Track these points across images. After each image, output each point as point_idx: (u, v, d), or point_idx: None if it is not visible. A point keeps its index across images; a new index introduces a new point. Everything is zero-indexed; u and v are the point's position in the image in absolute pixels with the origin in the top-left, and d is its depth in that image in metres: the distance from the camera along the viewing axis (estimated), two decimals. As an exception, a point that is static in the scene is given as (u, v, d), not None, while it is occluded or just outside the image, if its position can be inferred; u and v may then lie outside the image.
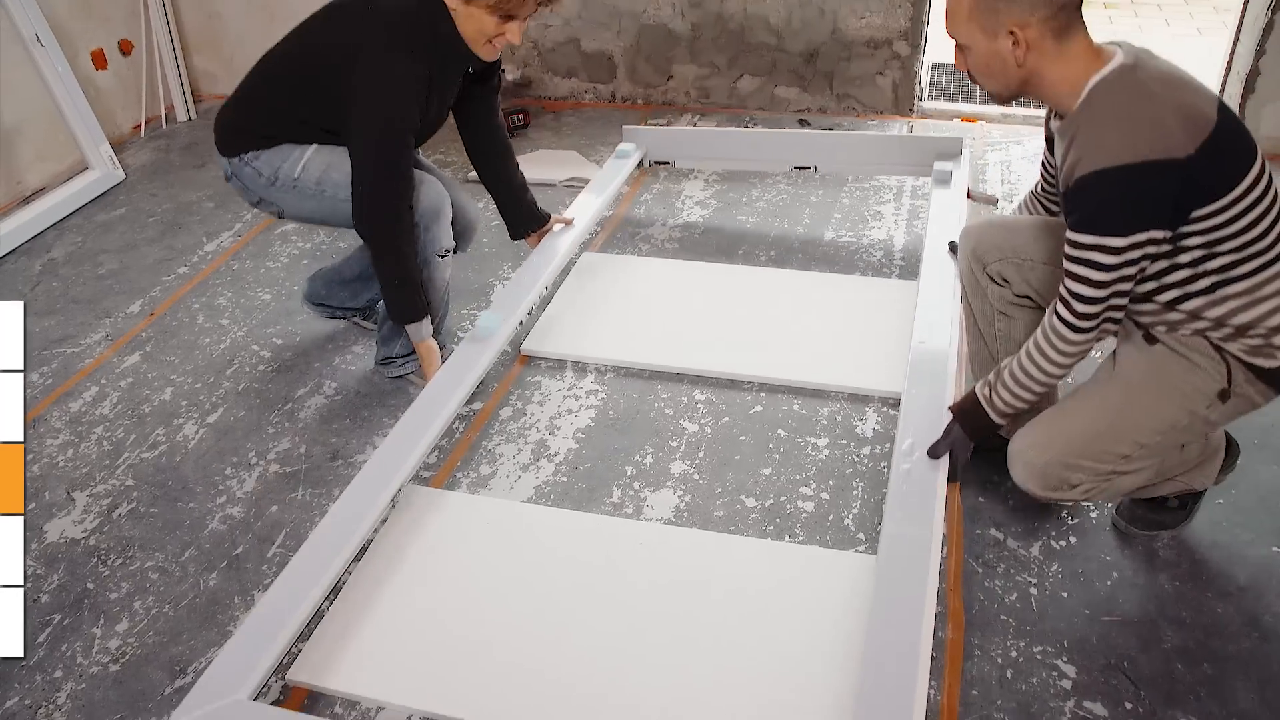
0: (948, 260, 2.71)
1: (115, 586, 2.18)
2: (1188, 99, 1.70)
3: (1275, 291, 1.76)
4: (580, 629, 1.97)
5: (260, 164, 2.50)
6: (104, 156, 4.06)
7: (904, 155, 3.44)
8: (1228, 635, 1.94)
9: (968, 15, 1.78)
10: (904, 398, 2.29)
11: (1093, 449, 1.89)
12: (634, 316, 2.96)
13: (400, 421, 2.31)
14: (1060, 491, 1.94)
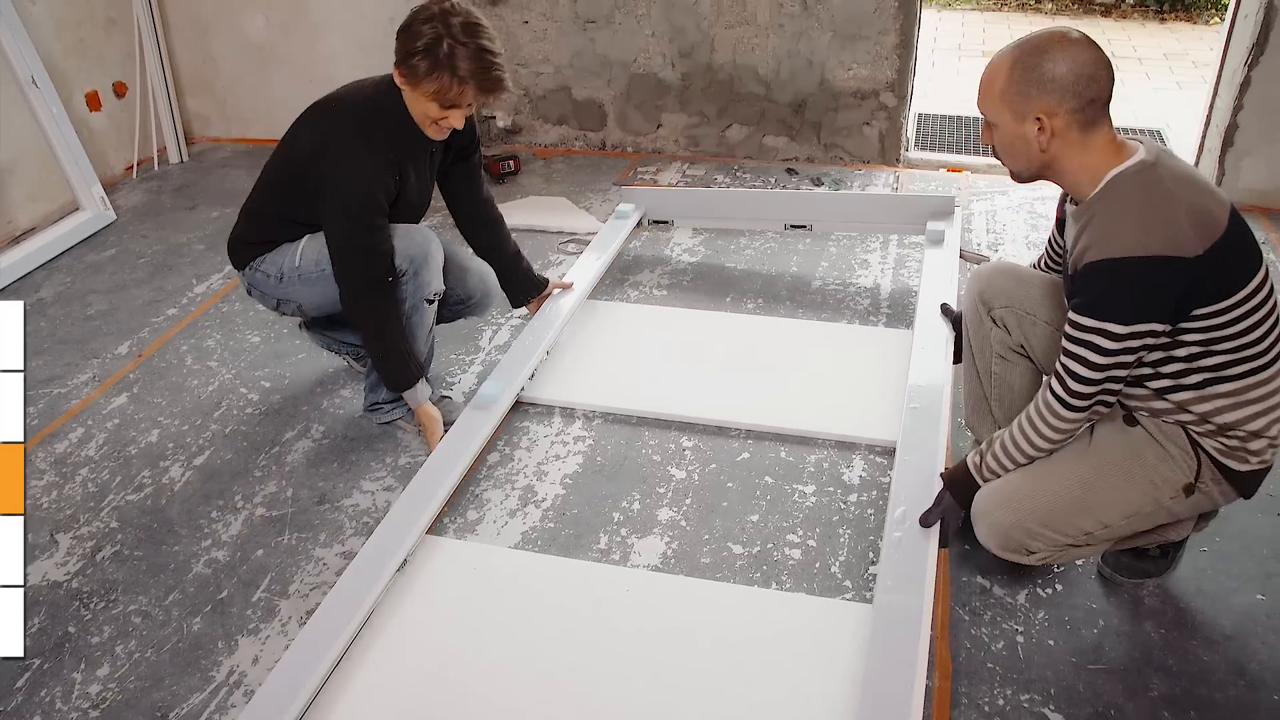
0: (940, 319, 2.75)
1: (97, 630, 2.16)
2: (1202, 201, 1.74)
3: (1260, 397, 1.81)
4: (567, 676, 1.96)
5: (266, 266, 2.59)
6: (95, 197, 4.07)
7: (899, 214, 3.51)
8: (1214, 683, 1.94)
9: (1000, 95, 1.83)
10: (896, 463, 2.30)
11: (1056, 520, 1.93)
12: (622, 362, 2.97)
13: (404, 493, 2.31)
14: (1017, 554, 1.98)
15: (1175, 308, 1.73)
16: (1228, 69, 3.90)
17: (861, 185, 4.25)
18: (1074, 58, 1.75)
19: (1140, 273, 1.70)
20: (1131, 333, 1.73)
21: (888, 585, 1.97)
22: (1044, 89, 1.77)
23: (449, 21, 2.25)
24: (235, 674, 2.03)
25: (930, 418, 2.41)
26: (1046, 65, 1.76)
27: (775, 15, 4.28)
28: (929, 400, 2.47)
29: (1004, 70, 1.81)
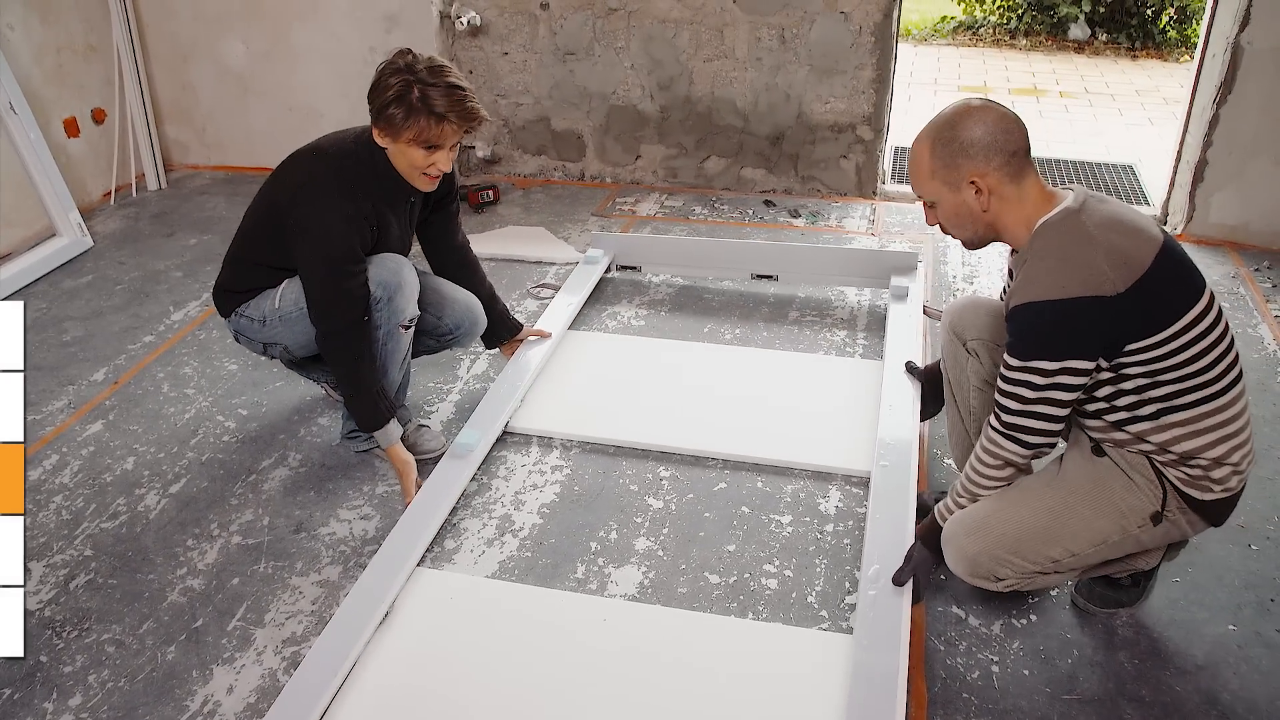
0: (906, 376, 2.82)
1: (70, 659, 2.14)
2: (1124, 243, 1.81)
3: (1217, 424, 1.86)
4: (544, 706, 1.96)
5: (250, 311, 2.63)
6: (73, 223, 4.06)
7: (863, 268, 3.58)
8: (1186, 713, 1.96)
9: (930, 175, 1.93)
10: (869, 520, 2.33)
11: (1025, 548, 1.96)
12: (600, 393, 2.98)
13: (386, 543, 2.32)
14: (986, 581, 2.01)
15: (1103, 344, 1.81)
16: (1197, 106, 3.98)
17: (838, 218, 4.30)
18: (983, 120, 1.86)
19: (1061, 314, 1.78)
20: (1061, 369, 1.81)
21: (864, 644, 1.99)
22: (968, 154, 1.86)
23: (414, 69, 2.30)
24: (210, 703, 2.02)
25: (900, 476, 2.44)
26: (963, 134, 1.86)
27: (753, 49, 4.33)
28: (899, 458, 2.50)
29: (926, 152, 1.92)
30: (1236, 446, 1.88)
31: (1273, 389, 2.96)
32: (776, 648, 2.09)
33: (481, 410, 2.80)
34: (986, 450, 1.98)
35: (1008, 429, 1.91)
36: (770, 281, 3.66)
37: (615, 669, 2.04)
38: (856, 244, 4.02)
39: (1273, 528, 2.43)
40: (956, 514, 2.04)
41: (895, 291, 3.33)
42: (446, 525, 2.48)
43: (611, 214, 4.40)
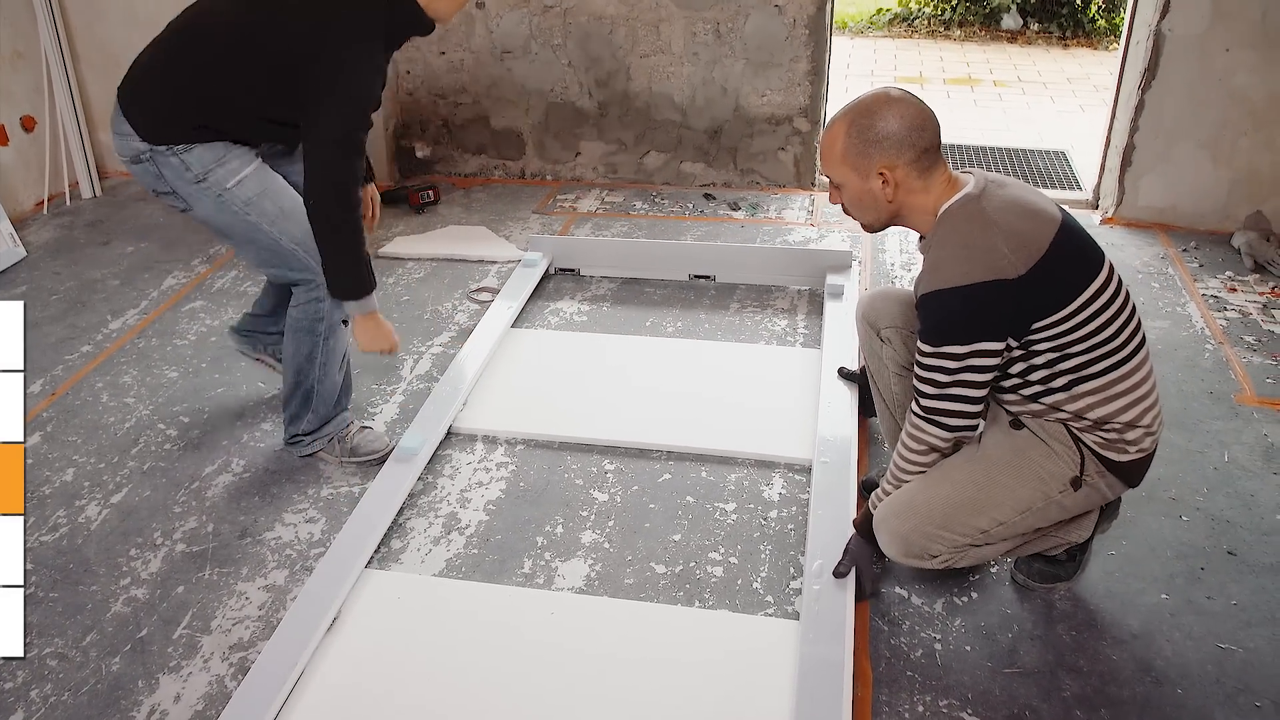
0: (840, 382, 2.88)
1: (10, 676, 2.11)
2: (1023, 226, 1.87)
3: (1126, 390, 1.93)
4: (495, 701, 1.97)
5: (191, 159, 2.34)
6: (4, 234, 3.98)
7: (799, 267, 3.63)
8: (1123, 681, 2.02)
9: (841, 158, 1.96)
10: (811, 516, 2.37)
11: (952, 522, 2.00)
12: (544, 390, 2.99)
13: (333, 545, 2.32)
14: (920, 560, 2.05)
15: (1010, 325, 1.87)
16: (1124, 92, 4.06)
17: (778, 209, 4.34)
18: (901, 114, 1.90)
19: (966, 299, 1.84)
20: (971, 351, 1.86)
21: (810, 639, 2.02)
22: (881, 146, 1.91)
23: None
24: (157, 713, 2.00)
25: (840, 470, 2.50)
26: (879, 125, 1.90)
27: (689, 44, 4.36)
28: (838, 454, 2.55)
29: (841, 136, 1.95)
30: (1147, 409, 1.96)
31: (1200, 365, 3.05)
32: (724, 635, 2.12)
33: (425, 412, 2.80)
34: (910, 435, 2.03)
35: (928, 413, 1.96)
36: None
37: (565, 662, 2.05)
38: (795, 235, 4.06)
39: (1202, 499, 2.50)
40: (885, 500, 2.09)
41: (831, 290, 3.37)
42: (392, 526, 2.47)
43: (553, 211, 4.40)
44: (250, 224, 2.42)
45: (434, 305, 3.56)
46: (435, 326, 3.42)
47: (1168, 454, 2.66)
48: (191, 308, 3.59)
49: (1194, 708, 1.96)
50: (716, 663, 2.04)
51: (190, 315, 3.54)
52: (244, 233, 2.45)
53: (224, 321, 3.47)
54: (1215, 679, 2.02)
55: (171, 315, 3.55)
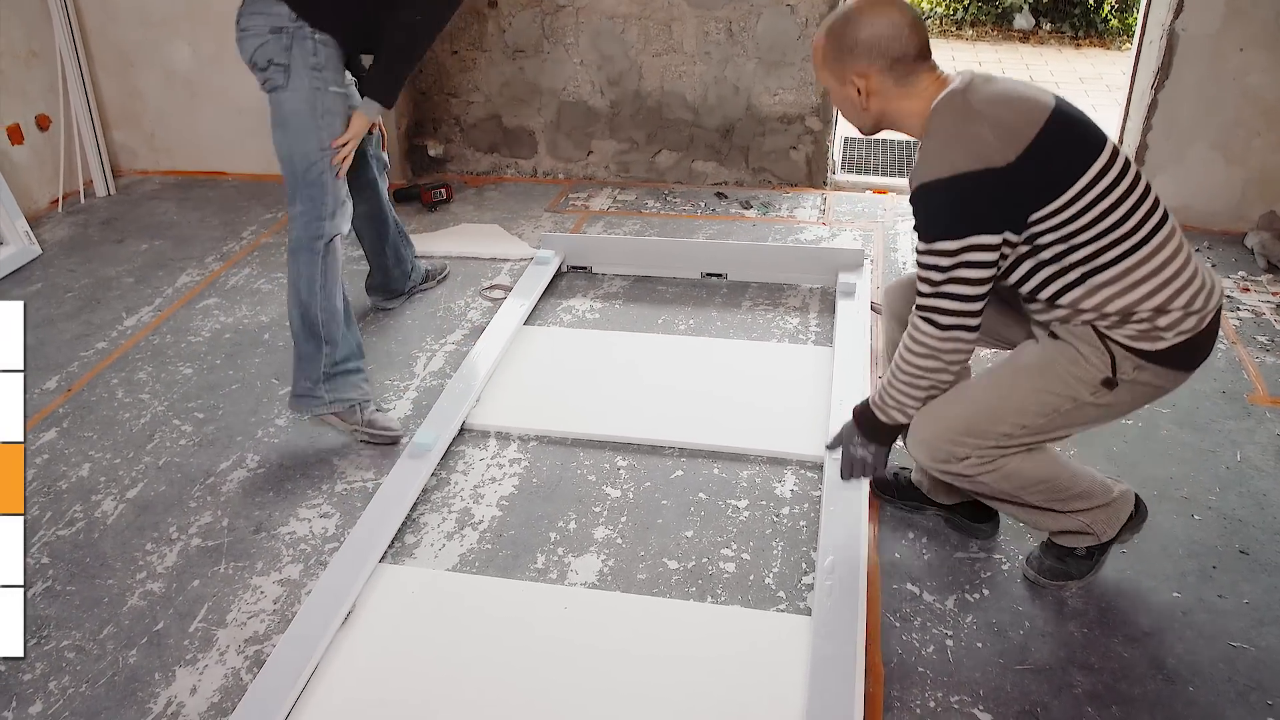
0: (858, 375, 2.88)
1: (29, 668, 2.13)
2: (1009, 115, 1.84)
3: (1146, 275, 1.87)
4: (509, 695, 1.98)
5: (321, 47, 2.59)
6: (19, 232, 4.01)
7: (811, 266, 3.63)
8: (1134, 678, 2.02)
9: (823, 64, 2.00)
10: (823, 514, 2.37)
11: (976, 425, 1.99)
12: (557, 386, 3.01)
13: (347, 540, 2.34)
14: (949, 464, 2.04)
15: (1004, 217, 1.84)
16: (1136, 92, 4.06)
17: (790, 208, 4.34)
18: (875, 22, 1.90)
19: (954, 190, 1.82)
20: (964, 246, 1.83)
21: (822, 633, 2.03)
22: (854, 54, 1.92)
23: None
24: (173, 705, 2.02)
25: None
26: (851, 32, 1.91)
27: (701, 43, 4.37)
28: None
29: (822, 42, 1.97)
30: (1179, 290, 1.88)
31: (1213, 365, 3.04)
32: (736, 630, 2.12)
33: (438, 409, 2.81)
34: (909, 335, 1.98)
35: (922, 311, 1.93)
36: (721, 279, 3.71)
37: (577, 657, 2.06)
38: (807, 234, 4.06)
39: (1214, 498, 2.50)
40: (917, 414, 2.07)
41: (843, 289, 3.37)
42: (407, 521, 2.49)
43: (565, 209, 4.41)
44: (312, 130, 2.63)
45: (446, 303, 3.57)
46: (448, 324, 3.43)
47: (1179, 453, 2.66)
48: (205, 305, 3.61)
49: (1205, 705, 1.96)
50: (729, 658, 2.05)
51: (204, 312, 3.56)
52: (299, 135, 2.63)
53: (237, 319, 3.49)
54: (1227, 677, 2.02)
55: (185, 312, 3.57)
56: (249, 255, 3.98)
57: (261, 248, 4.04)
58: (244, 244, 4.08)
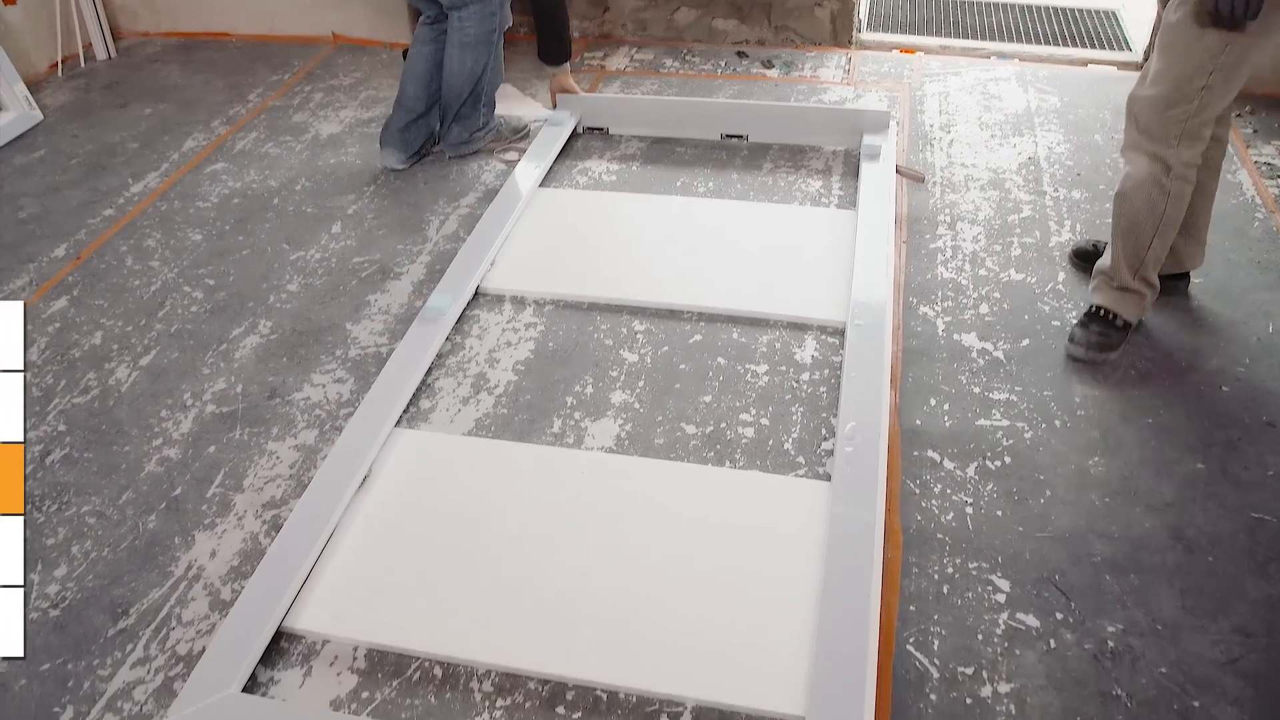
0: (881, 240, 2.82)
1: (52, 533, 2.14)
2: None
3: None
4: (524, 558, 1.98)
5: None
6: (19, 96, 3.91)
7: (835, 127, 3.50)
8: (1154, 548, 2.00)
9: None
10: (844, 379, 2.33)
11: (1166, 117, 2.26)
12: (573, 250, 2.95)
13: (362, 404, 2.32)
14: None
15: None
16: None
17: (813, 68, 4.19)
18: None
19: None
20: None
21: (841, 499, 2.02)
22: None
23: None
24: (194, 568, 2.03)
25: (874, 333, 2.45)
26: None
27: (721, -109, 4.15)
28: (873, 316, 2.51)
29: None
30: None
31: (1249, 234, 2.95)
32: (754, 495, 2.11)
33: (452, 273, 2.76)
34: None
35: None
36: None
37: (594, 520, 2.06)
38: (831, 95, 3.93)
39: (1243, 370, 2.45)
40: None
41: (867, 151, 3.26)
42: (421, 386, 2.46)
43: (581, 69, 4.27)
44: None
45: (459, 165, 3.49)
46: (461, 186, 3.35)
47: (1211, 322, 2.60)
48: (213, 170, 3.53)
49: (1224, 576, 1.95)
50: (746, 523, 2.04)
51: (212, 177, 3.49)
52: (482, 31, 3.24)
53: (246, 184, 3.42)
54: (1247, 549, 2.00)
55: (193, 177, 3.49)
56: (255, 119, 3.87)
57: (269, 110, 3.93)
58: (250, 107, 3.98)
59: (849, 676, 1.69)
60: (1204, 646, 1.83)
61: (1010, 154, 3.40)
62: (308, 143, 3.67)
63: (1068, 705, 1.74)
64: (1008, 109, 3.71)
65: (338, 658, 1.85)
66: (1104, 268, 2.51)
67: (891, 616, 1.88)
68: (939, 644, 1.84)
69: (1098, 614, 1.88)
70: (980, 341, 2.55)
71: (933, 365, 2.48)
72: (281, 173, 3.48)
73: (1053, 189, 3.18)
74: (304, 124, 3.82)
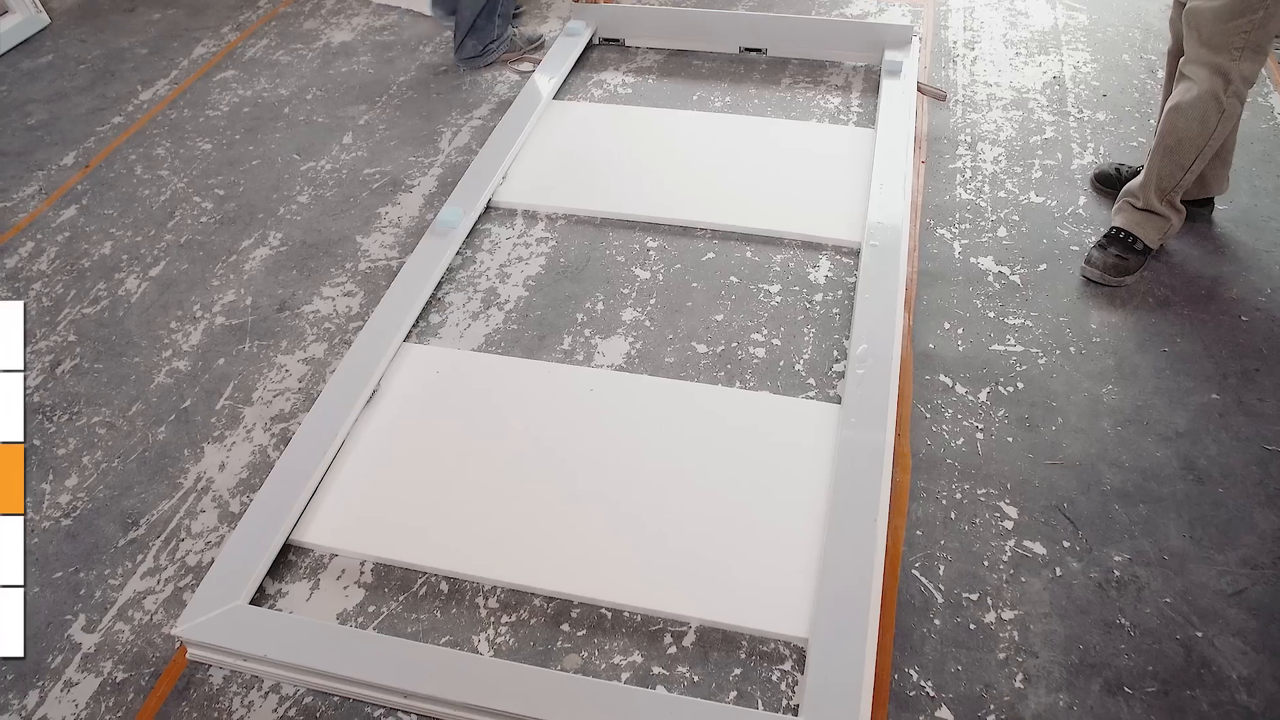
0: (900, 160, 2.77)
1: (63, 442, 2.15)
2: None
3: None
4: (533, 473, 1.98)
5: None
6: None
7: (856, 42, 3.42)
8: (1164, 478, 1.99)
9: None
10: (858, 300, 2.31)
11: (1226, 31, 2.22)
12: (585, 164, 2.90)
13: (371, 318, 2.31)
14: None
15: None
16: None
17: (835, -21, 4.07)
18: None
19: None
20: None
21: (851, 421, 2.01)
22: None
23: None
24: (203, 480, 2.05)
25: (889, 254, 2.42)
26: None
27: None
28: (888, 237, 2.47)
29: None
30: None
31: (1277, 160, 2.88)
32: (764, 415, 2.10)
33: (463, 186, 2.72)
34: None
35: None
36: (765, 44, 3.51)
37: (603, 438, 2.05)
38: (853, 8, 3.82)
39: (1264, 300, 2.40)
40: None
41: (888, 67, 3.18)
42: (431, 300, 2.45)
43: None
44: None
45: (473, 76, 3.42)
46: (474, 98, 3.29)
47: (1233, 250, 2.55)
48: (223, 77, 3.48)
49: (1233, 507, 1.94)
50: (756, 443, 2.03)
51: (222, 85, 3.43)
52: None
53: (256, 92, 3.37)
54: (1258, 480, 1.99)
55: (202, 85, 3.44)
56: (266, 25, 3.80)
57: (279, 17, 3.85)
58: (260, 13, 3.90)
59: (853, 600, 1.69)
60: (1210, 577, 1.82)
61: (1035, 73, 3.32)
62: (319, 50, 3.61)
63: (1071, 633, 1.74)
64: (1034, 26, 3.61)
65: (344, 571, 1.86)
66: (1132, 189, 2.46)
67: (898, 541, 1.88)
68: (945, 569, 1.84)
69: (1105, 543, 1.88)
70: (997, 265, 2.51)
71: (948, 288, 2.45)
72: (292, 81, 3.42)
73: (1077, 110, 3.11)
74: (315, 31, 3.74)
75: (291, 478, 1.93)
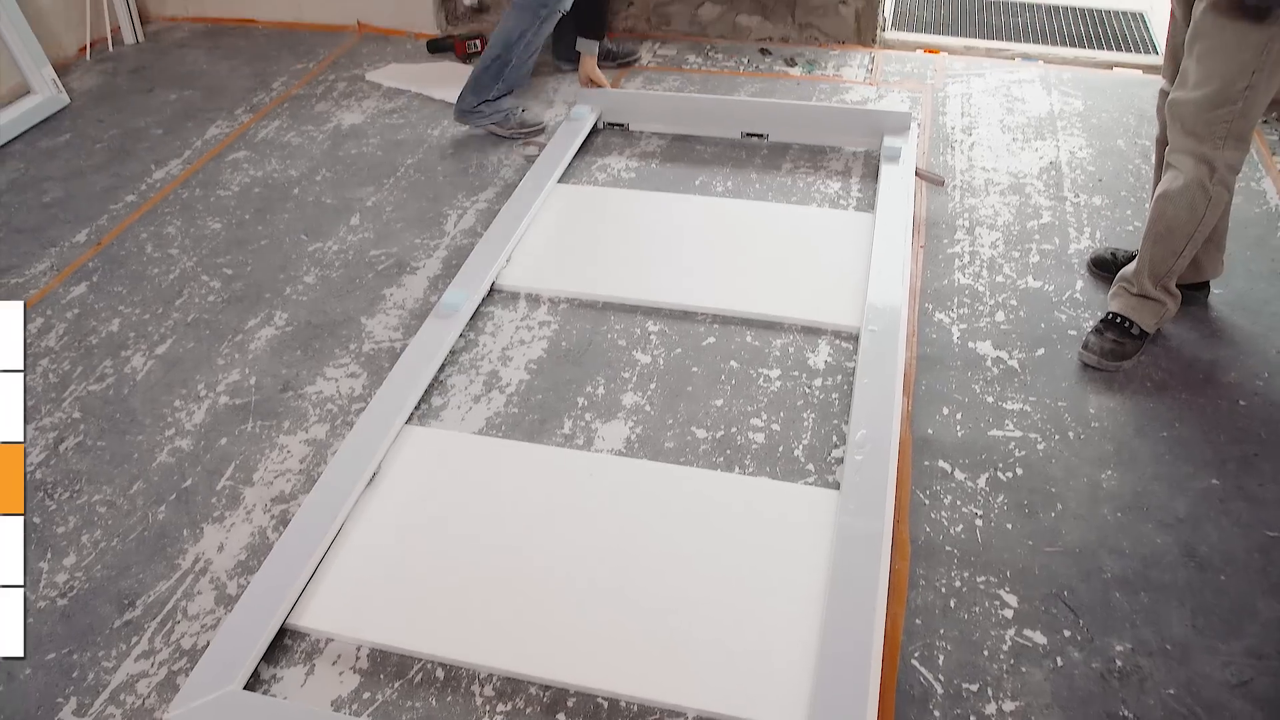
0: (899, 244, 2.80)
1: (62, 520, 2.16)
2: None
3: None
4: (532, 559, 1.98)
5: None
6: (46, 80, 3.93)
7: (856, 128, 3.48)
8: (1165, 565, 1.98)
9: None
10: (857, 385, 2.32)
11: (1212, 115, 2.24)
12: (588, 247, 2.94)
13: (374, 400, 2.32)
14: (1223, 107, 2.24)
15: None
16: None
17: (836, 66, 4.16)
18: None
19: None
20: None
21: (850, 508, 2.01)
22: None
23: None
24: (201, 561, 2.05)
25: (888, 339, 2.43)
26: None
27: (749, -114, 4.12)
28: (888, 322, 2.49)
29: None
30: None
31: (1271, 244, 2.91)
32: (763, 501, 2.10)
33: (468, 268, 2.76)
34: None
35: None
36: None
37: (602, 523, 2.06)
38: (853, 94, 3.90)
39: (1261, 384, 2.42)
40: None
41: (887, 153, 3.24)
42: (433, 382, 2.47)
43: (604, 64, 4.25)
44: None
45: (479, 159, 3.48)
46: (480, 180, 3.35)
47: (1230, 334, 2.57)
48: (235, 158, 3.54)
49: (1236, 595, 1.93)
50: (755, 529, 2.03)
51: (234, 165, 3.50)
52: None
53: (267, 173, 3.43)
54: (1261, 568, 1.98)
55: (215, 165, 3.51)
56: (279, 107, 3.89)
57: (292, 99, 3.94)
58: (274, 95, 3.99)
59: (852, 690, 1.68)
60: (1214, 668, 1.81)
61: (1032, 158, 3.37)
62: (329, 132, 3.68)
63: (1072, 725, 1.72)
64: (1030, 112, 3.68)
65: (340, 656, 1.85)
66: (1127, 274, 2.49)
67: (897, 629, 1.87)
68: (944, 659, 1.83)
69: (1106, 632, 1.86)
70: (995, 350, 2.53)
71: (947, 373, 2.46)
72: (302, 163, 3.49)
73: (1073, 195, 3.15)
74: (327, 113, 3.82)
75: (289, 561, 1.93)
